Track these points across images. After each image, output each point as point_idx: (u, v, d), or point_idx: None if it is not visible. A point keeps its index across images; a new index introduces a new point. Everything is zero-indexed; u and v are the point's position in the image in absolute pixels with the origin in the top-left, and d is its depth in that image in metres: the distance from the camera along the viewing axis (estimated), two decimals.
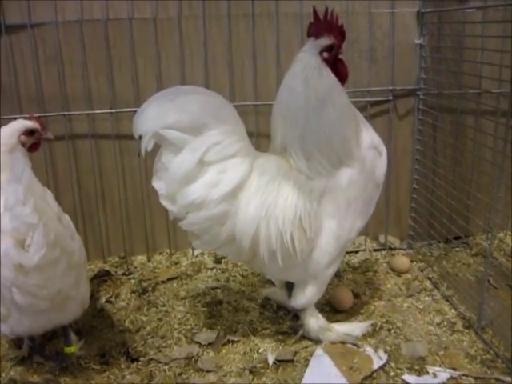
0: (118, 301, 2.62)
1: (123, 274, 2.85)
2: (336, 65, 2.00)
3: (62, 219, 1.85)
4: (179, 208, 1.91)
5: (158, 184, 1.94)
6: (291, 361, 2.15)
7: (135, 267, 2.92)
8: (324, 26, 1.96)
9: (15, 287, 1.78)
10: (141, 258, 3.00)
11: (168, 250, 3.02)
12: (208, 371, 2.11)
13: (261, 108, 2.79)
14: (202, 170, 1.87)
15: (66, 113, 2.75)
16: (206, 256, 2.99)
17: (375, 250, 3.04)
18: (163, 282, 2.76)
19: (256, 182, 1.95)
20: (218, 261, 2.92)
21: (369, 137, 2.07)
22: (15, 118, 2.65)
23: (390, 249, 3.04)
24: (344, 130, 1.99)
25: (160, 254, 3.03)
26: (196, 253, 3.00)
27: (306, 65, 1.96)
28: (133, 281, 2.79)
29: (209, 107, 1.90)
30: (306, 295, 2.15)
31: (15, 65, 2.72)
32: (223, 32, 2.74)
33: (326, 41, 1.96)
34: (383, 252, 3.02)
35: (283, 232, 1.94)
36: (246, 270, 2.82)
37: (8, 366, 2.20)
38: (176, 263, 2.94)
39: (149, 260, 2.98)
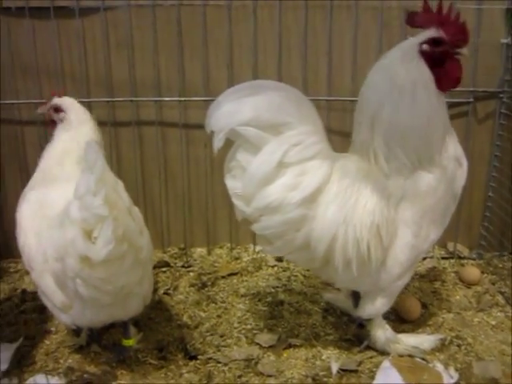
0: (177, 293, 2.57)
1: (182, 266, 2.80)
2: (445, 62, 1.86)
3: (132, 212, 1.79)
4: (253, 210, 1.82)
5: (232, 183, 1.85)
6: (355, 371, 2.05)
7: (195, 260, 2.87)
8: (435, 18, 1.83)
9: (80, 279, 1.73)
10: (200, 251, 2.94)
11: (229, 244, 2.96)
12: (269, 376, 2.03)
13: (334, 104, 2.70)
14: (281, 171, 1.78)
15: (133, 99, 2.71)
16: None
17: (443, 258, 2.90)
18: (223, 277, 2.70)
19: (335, 186, 1.85)
20: (279, 259, 2.83)
21: (453, 146, 1.95)
22: (83, 102, 2.65)
23: (459, 258, 2.90)
24: (431, 132, 1.88)
25: (220, 247, 2.97)
26: (257, 249, 2.92)
27: (397, 52, 1.86)
28: (192, 274, 2.74)
29: (289, 104, 1.80)
30: (375, 306, 2.05)
31: (86, 49, 2.69)
32: (299, 23, 2.64)
33: (431, 33, 1.83)
34: (451, 261, 2.88)
35: (360, 239, 1.83)
36: (308, 270, 2.72)
37: (66, 353, 2.18)
38: (236, 258, 2.87)
39: (209, 253, 2.92)
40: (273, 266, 2.80)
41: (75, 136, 2.14)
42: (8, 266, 2.86)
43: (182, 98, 2.70)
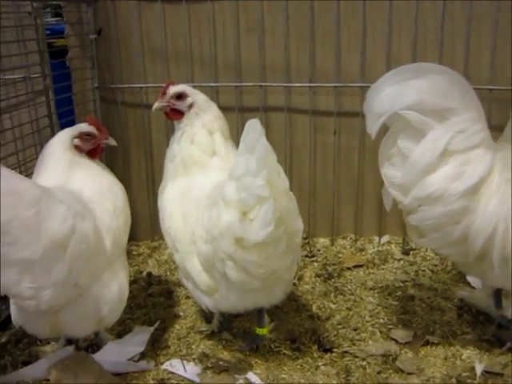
0: (302, 283, 2.53)
1: (306, 256, 2.75)
2: None
3: (290, 196, 1.74)
4: (412, 200, 1.75)
5: (390, 172, 1.79)
6: (500, 374, 1.94)
7: (318, 250, 2.81)
8: None
9: (231, 261, 1.70)
10: (323, 241, 2.89)
11: (352, 235, 2.89)
12: (409, 373, 1.95)
13: None
14: (444, 159, 1.70)
15: (262, 84, 2.67)
16: (393, 246, 2.82)
17: None
18: (348, 268, 2.64)
19: (497, 177, 1.76)
20: (406, 252, 2.75)
21: None
22: (211, 87, 2.64)
23: None
24: None
25: (343, 238, 2.90)
26: (383, 241, 2.85)
27: None
28: (316, 264, 2.69)
29: (453, 89, 1.73)
30: None
31: (216, 33, 2.67)
32: (436, 12, 2.53)
33: None
34: None
35: None
36: (436, 266, 2.63)
37: (197, 338, 2.17)
38: (361, 250, 2.80)
39: (332, 243, 2.86)
40: (399, 260, 2.71)
41: (208, 120, 2.09)
42: (131, 248, 2.89)
43: (313, 84, 2.64)
